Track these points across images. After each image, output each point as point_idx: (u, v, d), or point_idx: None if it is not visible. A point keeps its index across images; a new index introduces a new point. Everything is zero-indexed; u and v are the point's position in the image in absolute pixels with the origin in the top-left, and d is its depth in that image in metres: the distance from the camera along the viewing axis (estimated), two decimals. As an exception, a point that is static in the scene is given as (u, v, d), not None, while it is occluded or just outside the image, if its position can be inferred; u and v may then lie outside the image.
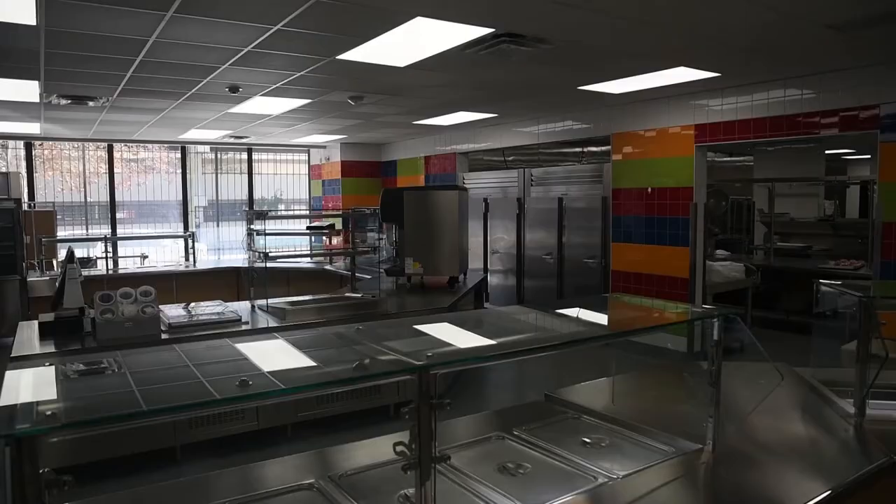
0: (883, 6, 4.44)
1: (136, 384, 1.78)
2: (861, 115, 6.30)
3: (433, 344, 2.03)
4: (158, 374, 2.03)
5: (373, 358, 1.81)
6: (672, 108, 7.91)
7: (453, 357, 1.70)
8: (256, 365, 1.99)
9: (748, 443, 2.58)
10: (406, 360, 1.67)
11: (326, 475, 2.27)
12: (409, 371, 1.60)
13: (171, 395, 1.75)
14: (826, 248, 11.17)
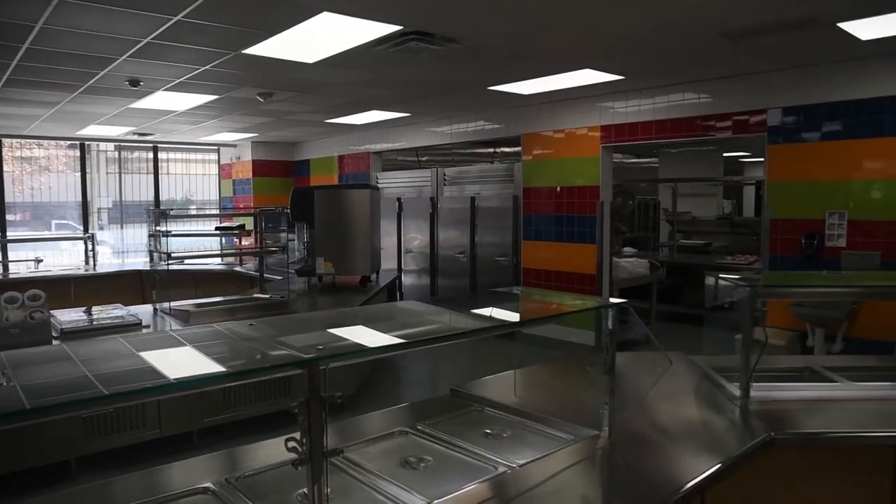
0: (771, 17, 4.70)
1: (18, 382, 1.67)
2: (751, 119, 6.66)
3: (329, 339, 2.00)
4: (39, 371, 1.91)
5: (264, 353, 1.77)
6: (579, 110, 8.14)
7: (344, 350, 1.68)
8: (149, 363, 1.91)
9: (644, 426, 2.68)
10: (295, 355, 1.64)
11: (223, 478, 2.20)
12: (297, 365, 1.58)
13: (55, 389, 1.65)
14: (724, 244, 11.74)
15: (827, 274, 5.30)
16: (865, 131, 5.92)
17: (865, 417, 2.87)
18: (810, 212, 6.25)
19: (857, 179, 5.99)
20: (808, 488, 2.74)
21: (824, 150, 6.17)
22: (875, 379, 3.44)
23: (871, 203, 5.91)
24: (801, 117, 6.32)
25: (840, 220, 6.06)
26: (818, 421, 2.82)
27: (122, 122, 9.98)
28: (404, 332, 2.08)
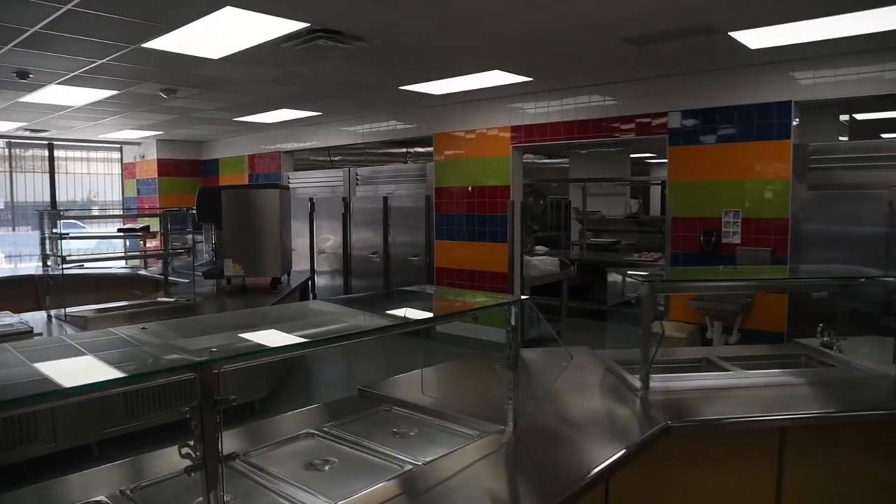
0: (669, 25, 4.90)
1: None
2: (653, 122, 6.93)
3: (226, 340, 1.95)
4: None
5: (155, 358, 1.70)
6: (490, 110, 8.24)
7: (238, 352, 1.64)
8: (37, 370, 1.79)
9: (549, 419, 2.74)
10: (187, 358, 1.58)
11: (118, 490, 2.11)
12: (189, 368, 1.52)
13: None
14: (632, 242, 12.15)
15: (723, 269, 5.57)
16: (756, 134, 6.27)
17: (756, 403, 3.04)
18: (708, 210, 6.56)
19: (750, 180, 6.32)
20: (705, 472, 2.87)
21: (720, 152, 6.49)
22: (766, 367, 3.65)
23: (763, 202, 6.25)
24: (699, 121, 6.63)
25: (735, 219, 6.39)
26: (712, 408, 2.95)
27: (12, 117, 9.41)
28: (305, 332, 2.05)
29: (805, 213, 6.07)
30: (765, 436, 2.94)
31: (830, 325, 3.91)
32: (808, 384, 3.34)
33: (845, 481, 3.06)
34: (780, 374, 3.45)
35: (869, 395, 3.20)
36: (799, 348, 4.06)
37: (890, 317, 3.44)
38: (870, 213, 5.72)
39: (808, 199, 6.06)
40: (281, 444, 2.52)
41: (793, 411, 2.94)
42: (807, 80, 6.03)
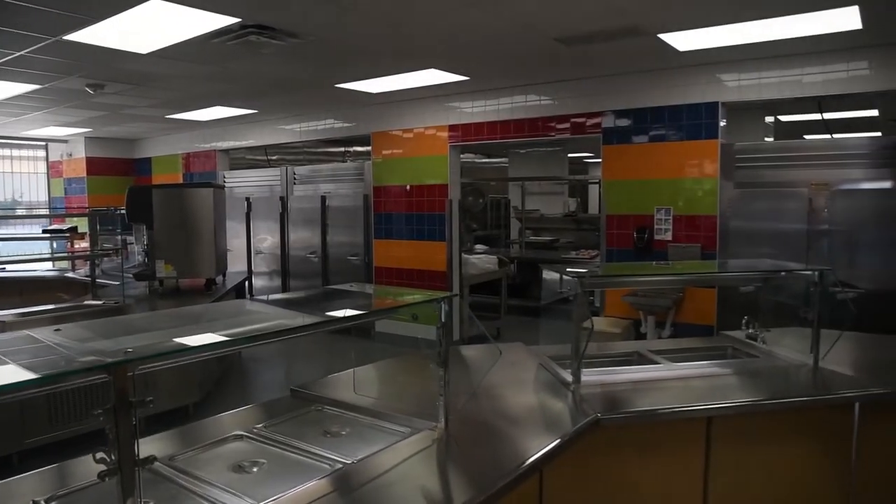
0: (599, 25, 4.98)
1: None
2: (588, 121, 7.06)
3: (146, 341, 1.88)
4: None
5: (68, 360, 1.63)
6: (428, 109, 8.24)
7: (155, 352, 1.59)
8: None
9: (483, 414, 2.76)
10: (98, 360, 1.52)
11: (31, 500, 2.02)
12: (101, 369, 1.46)
13: None
14: (571, 240, 12.33)
15: (655, 265, 5.71)
16: (686, 134, 6.45)
17: (684, 394, 3.12)
18: (641, 208, 6.72)
19: (681, 178, 6.50)
20: (635, 461, 2.94)
21: (652, 151, 6.65)
22: (694, 359, 3.76)
23: (693, 200, 6.44)
24: (632, 120, 6.78)
25: (667, 216, 6.56)
26: (642, 400, 3.02)
27: (-75, 113, 8.95)
28: (228, 332, 2.00)
29: (732, 211, 6.27)
30: (692, 425, 3.03)
31: (754, 317, 4.05)
32: (734, 374, 3.46)
33: (770, 466, 3.18)
34: (707, 366, 3.56)
35: (789, 383, 3.33)
36: (725, 340, 4.20)
37: (807, 308, 3.58)
38: (792, 209, 5.95)
39: (735, 196, 6.27)
40: (209, 446, 2.46)
41: (719, 401, 3.03)
42: (733, 82, 6.24)
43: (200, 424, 2.76)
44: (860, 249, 5.73)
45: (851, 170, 5.76)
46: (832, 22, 4.89)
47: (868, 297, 5.56)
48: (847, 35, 5.25)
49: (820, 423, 3.23)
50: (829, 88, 5.85)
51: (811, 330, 3.57)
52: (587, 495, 2.83)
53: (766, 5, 4.56)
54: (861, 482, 3.31)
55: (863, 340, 4.22)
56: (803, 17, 4.79)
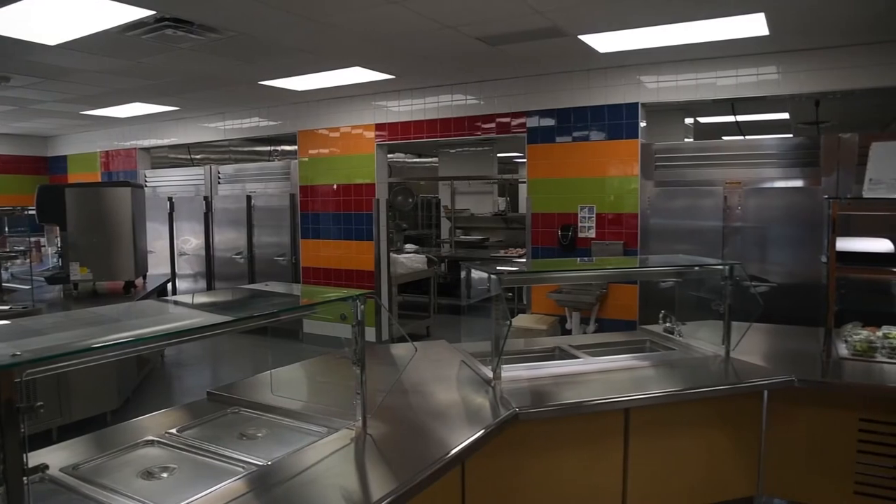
0: (519, 26, 5.04)
1: None
2: (513, 121, 7.15)
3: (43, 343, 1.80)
4: None
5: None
6: (355, 108, 8.18)
7: (44, 354, 1.51)
8: None
9: (403, 411, 2.76)
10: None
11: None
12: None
13: None
14: (500, 239, 12.45)
15: (579, 261, 5.82)
16: (607, 134, 6.60)
17: (602, 387, 3.19)
18: (565, 206, 6.84)
19: (603, 177, 6.64)
20: (556, 453, 2.99)
21: (575, 151, 6.78)
22: (614, 353, 3.86)
23: (615, 198, 6.59)
24: (556, 120, 6.89)
25: (590, 214, 6.70)
26: (561, 393, 3.07)
27: None
28: (133, 333, 1.93)
29: (653, 208, 6.46)
30: (611, 417, 3.10)
31: (671, 311, 4.18)
32: (651, 367, 3.56)
33: (685, 453, 3.29)
34: (625, 359, 3.65)
35: (703, 374, 3.44)
36: (644, 334, 4.32)
37: (719, 301, 3.72)
38: (708, 207, 6.16)
39: (656, 195, 6.45)
40: (117, 453, 2.37)
41: (636, 392, 3.12)
42: (652, 83, 6.42)
43: (111, 431, 2.65)
44: (771, 245, 5.98)
45: (764, 169, 6.01)
46: (741, 28, 5.08)
47: (779, 290, 5.82)
48: (756, 41, 5.48)
49: (731, 411, 3.37)
50: (741, 91, 6.09)
51: (723, 322, 3.71)
52: (509, 488, 2.87)
53: (678, 10, 4.71)
54: (769, 465, 3.47)
55: (772, 331, 4.41)
56: (715, 23, 4.97)
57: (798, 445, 3.43)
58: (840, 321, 4.03)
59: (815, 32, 5.36)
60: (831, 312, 3.66)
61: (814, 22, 5.05)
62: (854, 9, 4.73)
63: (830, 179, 5.69)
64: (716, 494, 3.43)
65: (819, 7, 4.67)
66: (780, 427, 3.45)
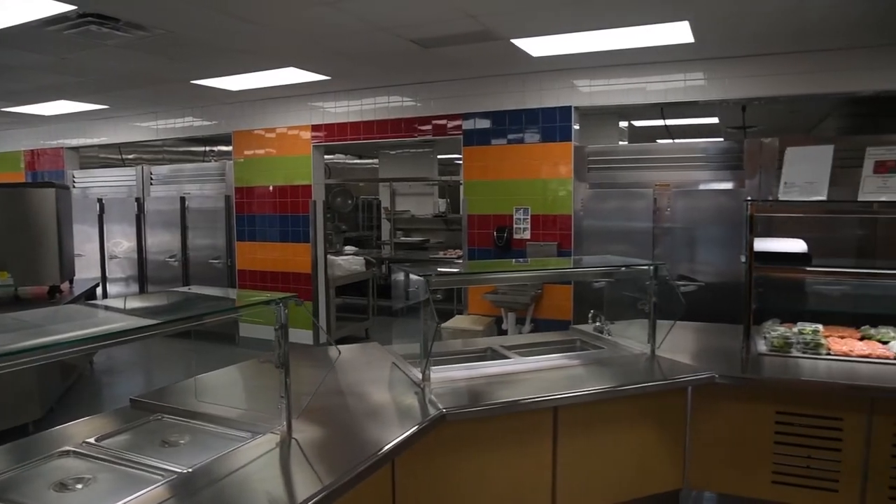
0: (451, 29, 5.07)
1: None
2: (449, 123, 7.20)
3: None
4: None
5: None
6: (291, 109, 8.09)
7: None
8: None
9: (332, 414, 2.74)
10: None
11: None
12: None
13: None
14: (441, 240, 12.48)
15: (515, 262, 5.90)
16: (542, 137, 6.71)
17: (531, 386, 3.23)
18: (501, 208, 6.92)
19: (537, 179, 6.75)
20: (485, 453, 3.02)
21: (510, 153, 6.87)
22: (544, 353, 3.91)
23: (549, 200, 6.71)
24: (491, 123, 6.96)
25: (525, 215, 6.79)
26: (490, 394, 3.10)
27: None
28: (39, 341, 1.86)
29: (586, 210, 6.59)
30: (539, 416, 3.15)
31: (601, 310, 4.27)
32: (581, 366, 3.63)
33: (613, 449, 3.37)
34: (555, 359, 3.71)
35: (630, 372, 3.52)
36: (575, 334, 4.40)
37: (646, 301, 3.82)
38: (640, 208, 6.32)
39: (589, 196, 6.59)
40: (30, 465, 2.28)
41: (564, 391, 3.17)
42: (585, 87, 6.55)
43: (26, 443, 2.56)
44: (700, 245, 6.17)
45: (692, 172, 6.20)
46: (668, 35, 5.24)
47: (707, 289, 6.01)
48: (683, 48, 5.65)
49: (657, 407, 3.46)
50: (669, 96, 6.27)
51: (648, 321, 3.81)
52: (441, 488, 2.89)
53: (606, 17, 4.82)
54: (694, 458, 3.57)
55: (698, 329, 4.55)
56: (642, 29, 5.11)
57: (720, 439, 3.54)
58: (761, 318, 4.20)
59: (738, 41, 5.56)
60: (749, 310, 3.80)
61: (735, 31, 5.24)
62: (771, 21, 4.94)
63: (754, 182, 5.91)
64: (643, 489, 3.51)
65: (739, 18, 4.85)
66: (703, 421, 3.56)
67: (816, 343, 3.77)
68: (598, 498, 3.38)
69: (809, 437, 3.39)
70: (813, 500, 3.41)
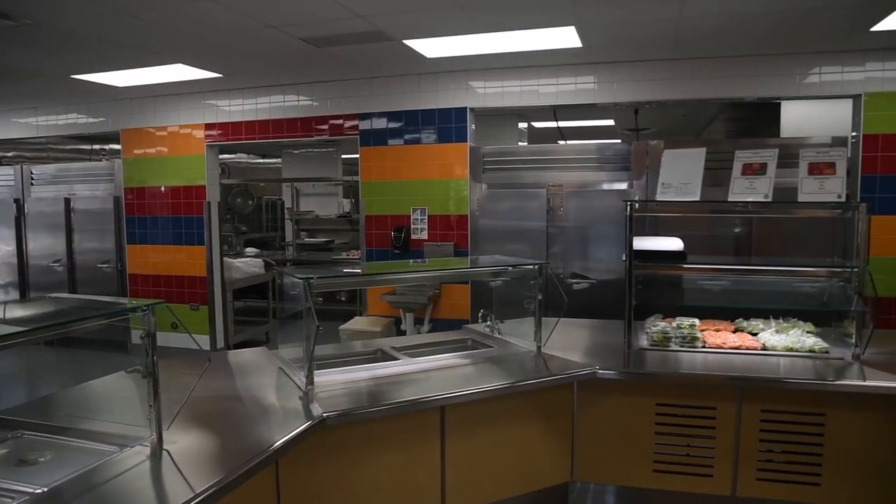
0: (341, 28, 5.01)
1: None
2: (346, 123, 7.14)
3: None
4: None
5: None
6: (183, 107, 7.81)
7: None
8: None
9: (213, 421, 2.66)
10: None
11: None
12: None
13: None
14: (346, 241, 12.36)
15: (412, 263, 5.90)
16: (438, 137, 6.76)
17: (419, 386, 3.24)
18: (398, 208, 6.93)
19: (434, 179, 6.79)
20: (371, 455, 3.01)
21: (407, 153, 6.89)
22: (435, 353, 3.93)
23: (446, 200, 6.77)
24: (388, 123, 6.96)
25: (422, 216, 6.82)
26: (377, 396, 3.10)
27: None
28: None
29: (482, 210, 6.68)
30: (426, 416, 3.16)
31: (490, 309, 4.34)
32: (470, 365, 3.67)
33: (502, 446, 3.42)
34: (444, 359, 3.73)
35: (517, 369, 3.59)
36: (467, 333, 4.45)
37: (530, 299, 3.91)
38: (534, 208, 6.46)
39: (485, 196, 6.68)
40: None
41: (451, 391, 3.19)
42: (480, 89, 6.65)
43: None
44: (591, 244, 6.37)
45: (584, 173, 6.40)
46: (556, 39, 5.38)
47: (598, 286, 6.22)
48: (572, 52, 5.81)
49: (543, 403, 3.54)
50: (561, 99, 6.45)
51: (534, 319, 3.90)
52: (328, 493, 2.85)
53: (496, 20, 4.90)
54: (580, 451, 3.68)
55: (586, 325, 4.70)
56: (532, 33, 5.22)
57: (605, 431, 3.66)
58: (646, 314, 4.37)
59: (624, 47, 5.78)
60: (630, 307, 3.95)
61: (619, 38, 5.44)
62: (651, 30, 5.16)
63: (641, 182, 6.15)
64: (533, 483, 3.58)
65: (621, 25, 5.04)
66: (588, 416, 3.67)
67: (693, 337, 3.96)
68: (489, 494, 3.42)
69: (687, 427, 3.56)
70: (691, 485, 3.58)
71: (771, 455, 3.48)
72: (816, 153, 3.90)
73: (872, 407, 3.33)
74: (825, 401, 3.39)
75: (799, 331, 3.99)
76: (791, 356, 3.74)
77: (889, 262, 5.58)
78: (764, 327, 4.11)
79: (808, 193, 3.83)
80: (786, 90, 6.05)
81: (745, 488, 3.52)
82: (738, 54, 5.93)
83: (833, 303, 4.04)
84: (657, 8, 4.60)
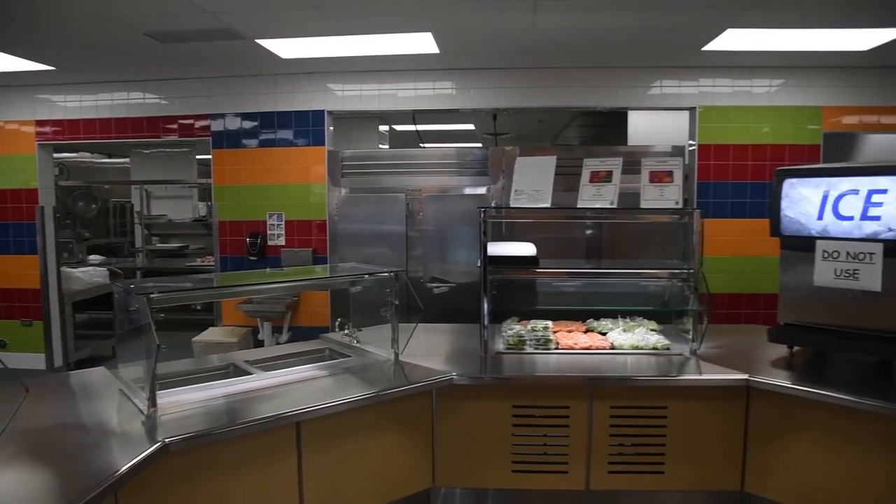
0: (191, 24, 4.75)
1: None
2: (197, 123, 6.80)
3: None
4: None
5: None
6: (8, 100, 7.08)
7: None
8: None
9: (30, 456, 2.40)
10: None
11: None
12: None
13: None
14: (201, 246, 11.79)
15: (269, 271, 5.67)
16: (295, 140, 6.59)
17: (273, 402, 3.11)
18: (253, 213, 6.68)
19: (291, 183, 6.62)
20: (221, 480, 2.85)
21: (263, 156, 6.66)
22: (294, 364, 3.81)
23: (303, 204, 6.60)
24: (242, 125, 6.69)
25: (279, 221, 6.62)
26: (227, 415, 2.94)
27: None
28: None
29: (341, 215, 6.57)
30: (280, 433, 3.04)
31: (348, 317, 4.26)
32: (327, 376, 3.57)
33: (363, 458, 3.35)
34: (300, 371, 3.62)
35: (375, 379, 3.54)
36: (325, 343, 4.35)
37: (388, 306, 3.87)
38: (394, 213, 6.43)
39: (343, 201, 6.57)
40: None
41: (306, 405, 3.08)
42: (338, 91, 6.54)
43: None
44: (451, 248, 6.42)
45: (443, 177, 6.44)
46: (414, 45, 5.39)
47: (458, 290, 6.28)
48: (431, 58, 5.85)
49: (402, 411, 3.51)
50: (420, 104, 6.48)
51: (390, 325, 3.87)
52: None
53: (352, 23, 4.83)
54: (441, 457, 3.69)
55: (445, 330, 4.72)
56: (390, 38, 5.19)
57: (465, 436, 3.69)
58: (503, 317, 4.46)
59: (480, 55, 5.88)
60: (485, 311, 4.00)
61: (475, 45, 5.53)
62: (504, 39, 5.29)
63: (497, 187, 6.28)
64: (395, 492, 3.55)
65: (478, 33, 5.12)
66: (448, 421, 3.68)
67: (546, 339, 4.08)
68: (350, 507, 3.35)
69: (543, 427, 3.66)
70: (548, 482, 3.68)
71: (621, 448, 3.64)
72: (656, 162, 4.13)
73: (708, 398, 3.58)
74: (667, 395, 3.60)
75: (644, 329, 4.22)
76: (637, 354, 3.95)
77: (720, 261, 6.08)
78: (612, 327, 4.31)
79: (649, 200, 4.04)
80: (631, 101, 6.42)
81: (598, 482, 3.66)
82: (589, 65, 6.21)
83: (673, 302, 4.29)
84: (511, 18, 4.71)
